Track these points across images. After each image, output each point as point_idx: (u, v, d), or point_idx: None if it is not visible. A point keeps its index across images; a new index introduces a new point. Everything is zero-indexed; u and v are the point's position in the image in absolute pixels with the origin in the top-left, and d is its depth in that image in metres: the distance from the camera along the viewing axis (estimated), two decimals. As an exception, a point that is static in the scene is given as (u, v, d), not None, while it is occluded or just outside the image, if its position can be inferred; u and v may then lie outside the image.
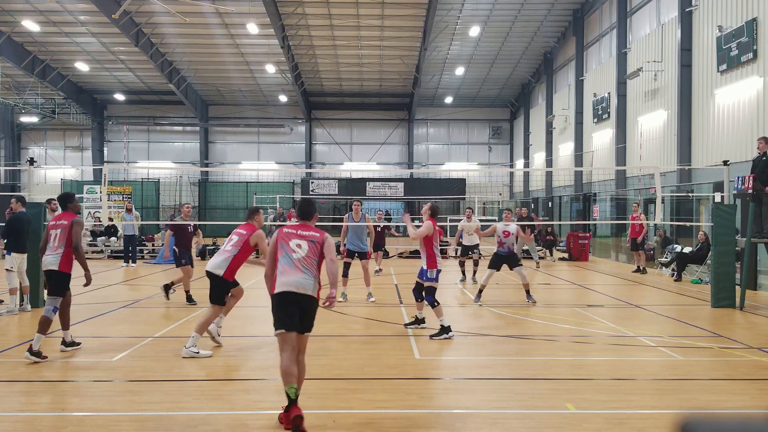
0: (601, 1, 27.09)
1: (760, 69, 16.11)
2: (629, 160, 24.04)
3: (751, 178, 10.84)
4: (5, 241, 10.27)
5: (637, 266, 17.06)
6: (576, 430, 4.87)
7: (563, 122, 31.68)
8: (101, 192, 24.48)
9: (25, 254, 9.98)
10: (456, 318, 9.32)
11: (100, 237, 21.97)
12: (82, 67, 34.27)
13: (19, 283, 10.01)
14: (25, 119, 40.75)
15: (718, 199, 14.70)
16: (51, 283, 7.19)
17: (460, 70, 35.64)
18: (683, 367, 6.77)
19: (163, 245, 20.66)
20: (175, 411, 5.23)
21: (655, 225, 17.57)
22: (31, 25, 28.04)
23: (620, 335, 8.41)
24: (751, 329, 9.01)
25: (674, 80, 20.36)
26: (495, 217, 30.94)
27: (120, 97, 40.06)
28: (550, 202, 31.59)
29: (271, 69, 34.38)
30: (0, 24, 29.19)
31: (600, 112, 26.95)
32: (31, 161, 11.44)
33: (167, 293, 11.09)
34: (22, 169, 28.15)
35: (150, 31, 29.87)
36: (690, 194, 18.78)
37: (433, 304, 8.23)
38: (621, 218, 22.42)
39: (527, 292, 11.21)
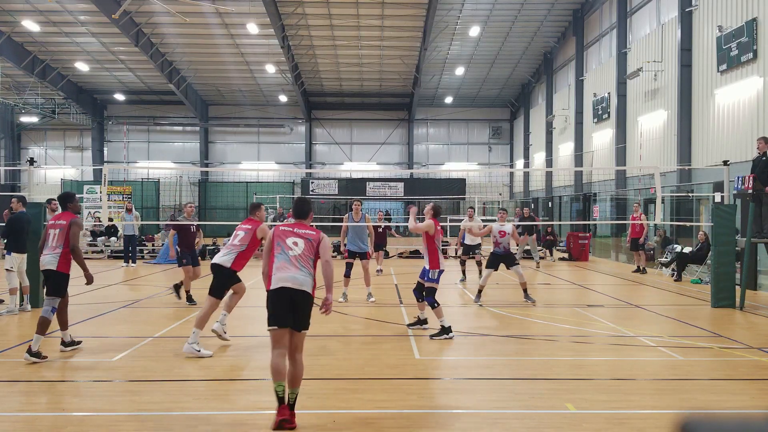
0: (601, 1, 27.09)
1: (760, 69, 16.11)
2: (629, 160, 24.04)
3: (751, 178, 10.85)
4: (5, 241, 10.28)
5: (637, 266, 17.07)
6: (576, 430, 4.87)
7: (563, 122, 31.67)
8: (101, 192, 24.50)
9: (25, 254, 9.98)
10: (456, 318, 9.32)
11: (100, 237, 21.99)
12: (82, 67, 34.27)
13: (19, 283, 10.01)
14: (25, 119, 40.75)
15: (718, 199, 14.70)
16: (49, 283, 7.17)
17: (460, 70, 35.63)
18: (683, 367, 6.77)
19: (163, 245, 20.71)
20: (175, 411, 5.23)
21: (655, 225, 17.58)
22: (31, 25, 28.04)
23: (620, 335, 8.41)
24: (751, 329, 9.01)
25: (674, 80, 20.36)
26: (495, 217, 30.87)
27: (120, 97, 40.06)
28: (550, 202, 31.58)
29: (271, 69, 34.38)
30: (0, 24, 29.20)
31: (600, 112, 26.95)
32: (31, 161, 11.44)
33: (178, 292, 11.06)
34: (22, 169, 28.17)
35: (150, 31, 29.87)
36: (690, 194, 18.78)
37: (434, 305, 8.25)
38: (621, 218, 22.42)
39: (525, 291, 11.22)
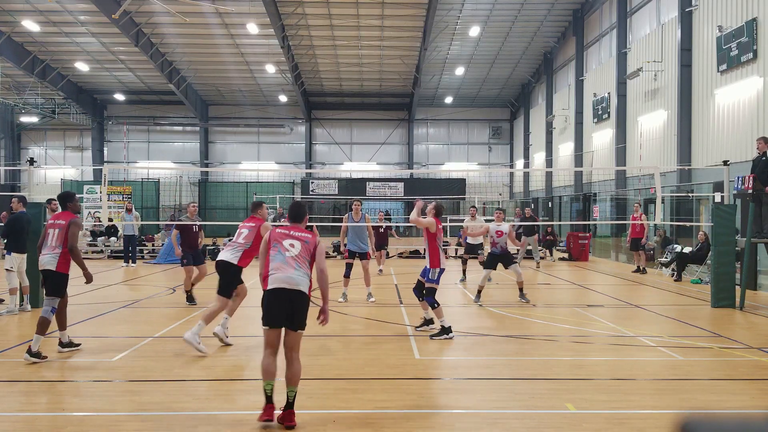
0: (601, 1, 27.09)
1: (760, 69, 16.11)
2: (629, 160, 24.04)
3: (751, 178, 10.85)
4: (5, 241, 10.28)
5: (637, 266, 17.06)
6: (576, 430, 4.87)
7: (563, 122, 31.67)
8: (101, 192, 24.50)
9: (25, 254, 9.98)
10: (456, 318, 9.32)
11: (100, 237, 22.00)
12: (82, 67, 34.28)
13: (19, 283, 10.01)
14: (25, 119, 40.75)
15: (718, 199, 14.70)
16: (48, 283, 7.16)
17: (460, 70, 35.63)
18: (683, 367, 6.77)
19: (163, 245, 20.72)
20: (175, 411, 5.23)
21: (655, 225, 17.58)
22: (31, 25, 28.04)
23: (620, 335, 8.41)
24: (751, 329, 9.01)
25: (674, 80, 20.36)
26: (492, 217, 30.87)
27: (120, 97, 40.07)
28: (550, 202, 31.58)
29: (271, 69, 34.39)
30: (0, 24, 29.20)
31: (600, 112, 26.94)
32: (31, 161, 11.44)
33: (190, 299, 10.86)
34: (22, 169, 28.17)
35: (150, 31, 29.87)
36: (690, 194, 18.77)
37: (434, 305, 8.24)
38: (621, 218, 22.42)
39: (521, 290, 11.29)
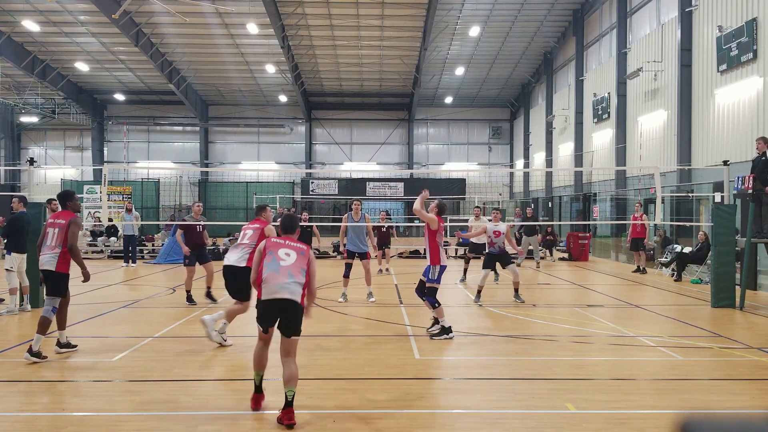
0: (601, 1, 27.09)
1: (760, 69, 16.11)
2: (629, 160, 24.04)
3: (751, 178, 10.85)
4: (5, 241, 10.28)
5: (637, 266, 17.06)
6: (576, 430, 4.87)
7: (563, 122, 31.67)
8: (101, 192, 24.50)
9: (25, 254, 9.98)
10: (456, 318, 9.32)
11: (100, 237, 22.00)
12: (82, 67, 34.28)
13: (19, 283, 10.02)
14: (25, 119, 40.75)
15: (718, 199, 14.70)
16: (48, 283, 7.16)
17: (460, 70, 35.64)
18: (683, 367, 6.77)
19: (163, 245, 20.72)
20: (175, 411, 5.23)
21: (655, 225, 17.58)
22: (31, 25, 28.05)
23: (620, 335, 8.41)
24: (751, 329, 9.01)
25: (674, 80, 20.36)
26: (489, 217, 30.89)
27: (120, 97, 40.07)
28: (550, 202, 31.58)
29: (271, 69, 34.39)
30: (0, 24, 29.21)
31: (600, 112, 26.95)
32: (31, 161, 11.44)
33: (211, 298, 10.80)
34: (22, 169, 28.17)
35: (150, 31, 29.87)
36: (690, 194, 18.77)
37: (434, 305, 8.24)
38: (621, 218, 22.42)
39: (516, 290, 11.32)
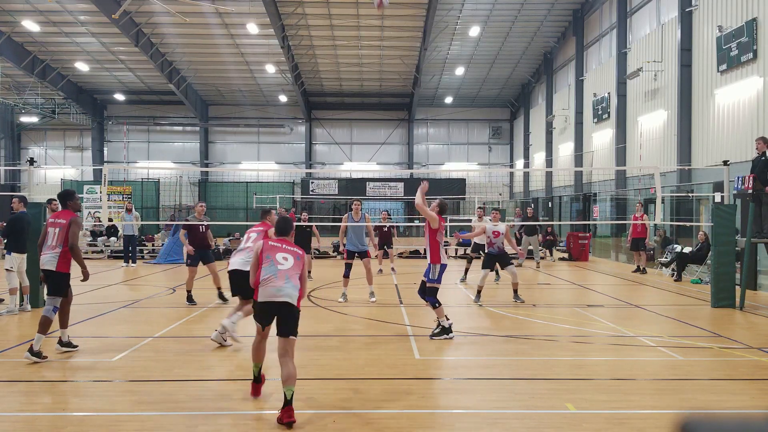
0: (601, 1, 27.09)
1: (760, 69, 16.11)
2: (629, 160, 24.04)
3: (751, 178, 10.85)
4: (5, 241, 10.28)
5: (637, 266, 17.05)
6: (576, 430, 4.87)
7: (563, 122, 31.67)
8: (101, 192, 24.50)
9: (25, 254, 9.98)
10: (456, 318, 9.30)
11: (100, 237, 22.00)
12: (82, 67, 34.28)
13: (19, 283, 10.01)
14: (25, 119, 40.75)
15: (718, 199, 14.70)
16: (49, 283, 7.16)
17: (460, 70, 35.64)
18: (683, 367, 6.77)
19: (163, 245, 20.74)
20: (175, 411, 5.23)
21: (655, 225, 17.57)
22: (31, 25, 28.05)
23: (620, 335, 8.41)
24: (751, 329, 9.00)
25: (674, 80, 20.36)
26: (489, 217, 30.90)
27: (120, 97, 40.07)
28: (550, 202, 31.58)
29: (271, 69, 34.39)
30: (0, 24, 29.21)
31: (600, 112, 26.95)
32: (31, 161, 11.44)
33: (223, 298, 10.84)
34: (22, 169, 28.16)
35: (150, 31, 29.87)
36: (690, 194, 18.77)
37: (435, 305, 8.23)
38: (621, 218, 22.42)
39: (515, 291, 11.33)
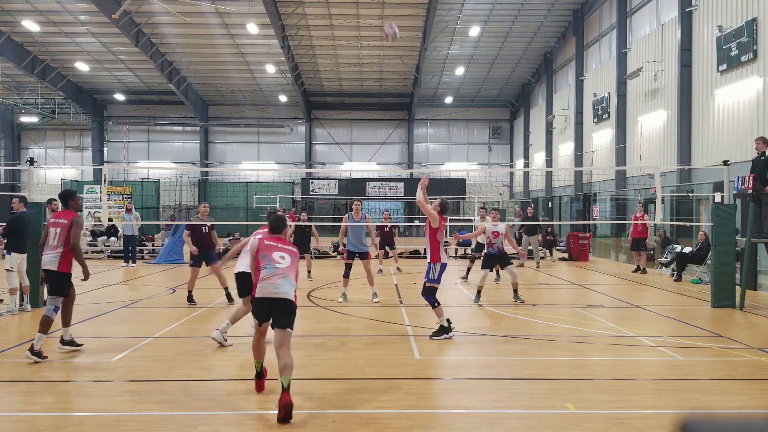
0: (601, 1, 27.09)
1: (760, 69, 16.11)
2: (629, 160, 24.04)
3: (751, 178, 10.85)
4: (5, 240, 10.28)
5: (637, 266, 17.05)
6: (576, 430, 4.87)
7: (563, 122, 31.67)
8: (101, 192, 24.49)
9: (26, 254, 9.98)
10: (456, 318, 9.30)
11: (100, 237, 21.99)
12: (82, 67, 34.28)
13: (19, 283, 10.02)
14: (25, 119, 40.75)
15: (718, 199, 14.70)
16: (50, 283, 7.16)
17: (460, 70, 35.64)
18: (683, 367, 6.77)
19: (163, 245, 20.73)
20: (174, 411, 5.23)
21: (655, 225, 17.57)
22: (31, 25, 28.05)
23: (620, 335, 8.41)
24: (751, 329, 9.01)
25: (674, 80, 20.36)
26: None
27: (120, 97, 40.07)
28: (550, 202, 31.58)
29: (271, 69, 34.38)
30: (0, 24, 29.20)
31: (600, 112, 26.95)
32: (31, 161, 11.44)
33: (231, 299, 10.88)
34: (22, 169, 28.17)
35: (150, 31, 29.87)
36: (690, 194, 18.78)
37: (434, 305, 8.24)
38: (621, 218, 22.41)
39: (515, 291, 11.32)
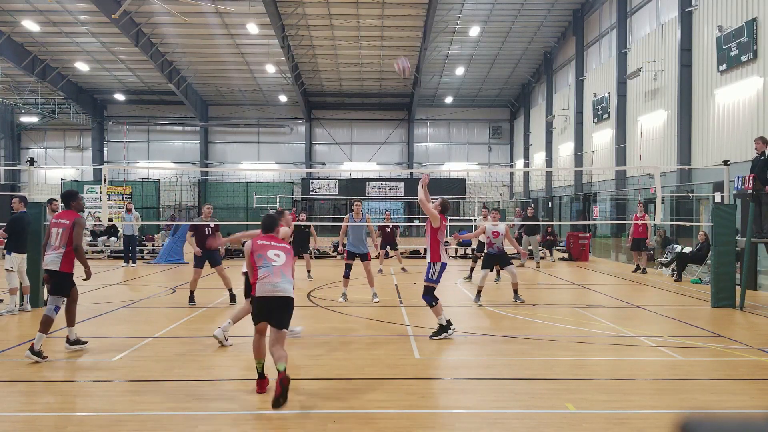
0: (601, 1, 27.09)
1: (760, 69, 16.11)
2: (629, 160, 24.04)
3: (751, 178, 10.85)
4: (5, 240, 10.28)
5: (637, 265, 17.05)
6: (576, 430, 4.87)
7: (563, 122, 31.67)
8: (101, 192, 24.49)
9: (26, 254, 9.98)
10: (456, 318, 9.30)
11: (101, 237, 22.00)
12: (82, 67, 34.28)
13: (20, 283, 10.02)
14: (25, 119, 40.75)
15: (718, 199, 14.71)
16: (52, 283, 7.17)
17: (460, 70, 35.64)
18: (683, 367, 6.77)
19: (163, 245, 20.75)
20: (175, 411, 5.23)
21: (655, 225, 17.57)
22: (31, 25, 28.05)
23: (620, 335, 8.41)
24: (751, 329, 9.00)
25: (674, 80, 20.36)
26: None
27: (120, 97, 40.07)
28: (550, 202, 31.57)
29: (271, 69, 34.38)
30: (0, 24, 29.20)
31: (600, 112, 26.95)
32: (31, 161, 11.44)
33: (233, 299, 10.90)
34: (22, 169, 28.15)
35: (150, 31, 29.87)
36: (690, 194, 18.78)
37: (431, 304, 8.22)
38: (621, 218, 22.41)
39: (515, 291, 11.33)
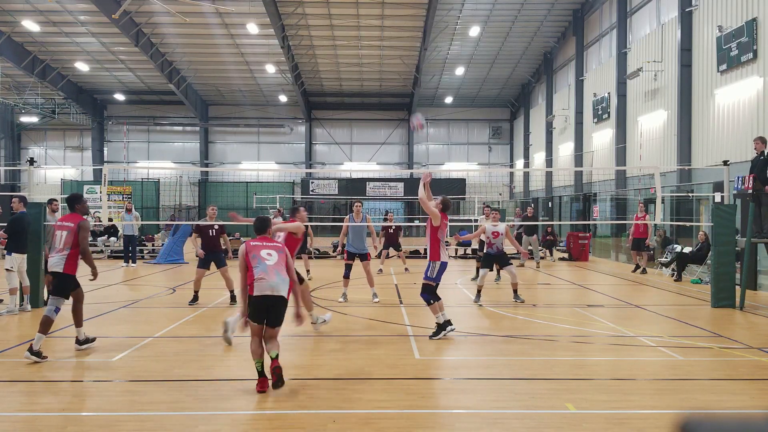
0: (601, 1, 27.09)
1: (760, 69, 16.11)
2: (629, 160, 24.04)
3: (751, 178, 10.86)
4: (6, 241, 10.29)
5: (636, 265, 17.05)
6: (576, 430, 4.87)
7: (563, 122, 31.67)
8: (101, 192, 24.50)
9: (26, 254, 9.99)
10: (456, 318, 9.29)
11: (100, 237, 22.01)
12: (82, 67, 34.27)
13: (20, 283, 10.02)
14: (25, 119, 40.74)
15: (718, 199, 14.71)
16: (55, 284, 7.19)
17: (460, 70, 35.63)
18: (683, 367, 6.77)
19: (163, 245, 20.76)
20: (175, 411, 5.23)
21: (655, 225, 17.57)
22: (31, 25, 28.04)
23: (620, 335, 8.41)
24: (751, 329, 9.01)
25: (674, 80, 20.36)
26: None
27: (120, 97, 40.06)
28: (550, 202, 31.57)
29: (271, 69, 34.38)
30: (0, 24, 29.20)
31: (600, 112, 26.94)
32: (31, 161, 11.44)
33: (234, 300, 10.87)
34: (22, 169, 28.16)
35: (150, 31, 29.87)
36: (690, 194, 18.77)
37: (429, 302, 8.20)
38: (621, 218, 22.41)
39: (515, 291, 11.33)
